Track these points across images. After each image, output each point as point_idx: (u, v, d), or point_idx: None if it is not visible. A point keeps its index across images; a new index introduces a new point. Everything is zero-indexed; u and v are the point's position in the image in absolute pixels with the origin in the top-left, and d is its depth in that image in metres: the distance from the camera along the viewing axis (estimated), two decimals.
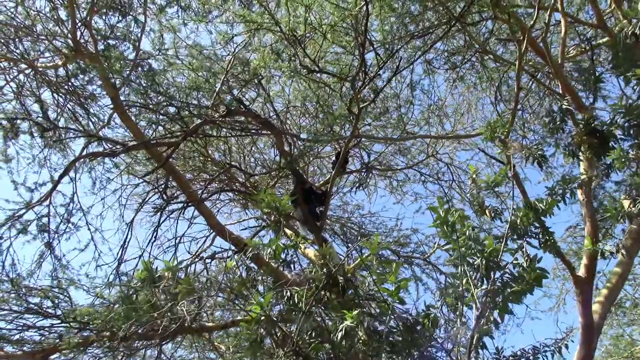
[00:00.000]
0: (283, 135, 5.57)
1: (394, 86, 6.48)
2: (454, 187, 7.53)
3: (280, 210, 3.68)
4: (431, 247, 7.20)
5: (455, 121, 7.23)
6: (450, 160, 7.56)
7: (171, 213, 6.14)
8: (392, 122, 6.71)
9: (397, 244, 7.46)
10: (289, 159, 5.20)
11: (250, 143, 7.02)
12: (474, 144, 7.35)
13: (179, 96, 5.61)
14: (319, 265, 3.51)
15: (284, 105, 6.59)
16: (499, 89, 6.35)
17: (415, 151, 7.47)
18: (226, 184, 7.04)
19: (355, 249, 5.88)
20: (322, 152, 7.52)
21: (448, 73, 6.71)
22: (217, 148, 7.03)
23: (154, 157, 5.65)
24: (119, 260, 5.62)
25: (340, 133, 6.56)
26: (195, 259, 5.45)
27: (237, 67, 5.51)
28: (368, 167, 6.89)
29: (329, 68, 5.55)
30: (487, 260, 2.87)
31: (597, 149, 3.21)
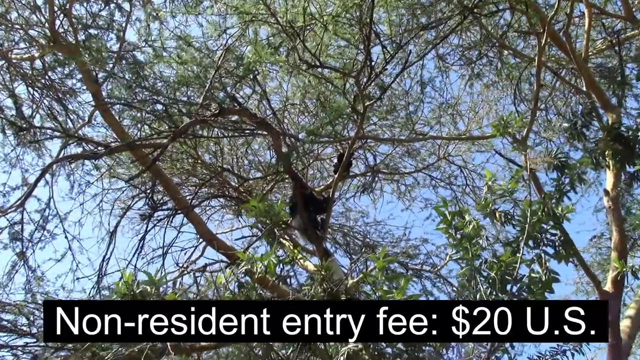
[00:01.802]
0: (280, 135, 5.60)
1: (403, 83, 6.53)
2: (468, 192, 7.57)
3: (274, 219, 3.70)
4: (443, 258, 7.23)
5: (470, 121, 7.26)
6: (464, 163, 7.59)
7: (158, 221, 6.17)
8: (400, 121, 6.75)
9: (405, 256, 7.48)
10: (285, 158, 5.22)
11: (244, 144, 7.05)
12: (490, 146, 7.38)
13: (167, 92, 5.65)
14: (319, 280, 3.53)
15: (281, 103, 6.63)
16: (518, 87, 6.39)
17: (426, 153, 7.50)
18: (218, 189, 7.06)
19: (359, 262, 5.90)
20: (323, 154, 7.56)
21: (462, 69, 6.76)
22: (207, 150, 7.05)
23: (139, 160, 5.68)
24: (100, 273, 5.64)
25: (344, 133, 6.60)
26: (184, 271, 5.47)
27: (231, 62, 5.54)
28: (374, 171, 6.93)
29: (331, 63, 5.59)
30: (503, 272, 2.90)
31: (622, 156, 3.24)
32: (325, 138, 6.15)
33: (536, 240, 3.14)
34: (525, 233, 3.07)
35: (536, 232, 3.16)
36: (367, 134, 6.75)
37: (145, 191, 6.29)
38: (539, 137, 6.76)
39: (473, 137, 7.15)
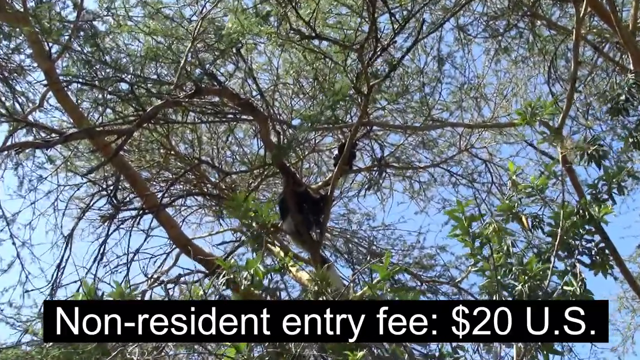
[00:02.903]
0: (269, 121, 5.59)
1: (416, 58, 6.52)
2: (494, 191, 7.59)
3: (261, 221, 3.71)
4: (463, 270, 7.23)
5: (496, 105, 7.26)
6: (489, 157, 7.60)
7: (122, 222, 6.17)
8: (414, 105, 6.74)
9: (419, 267, 7.50)
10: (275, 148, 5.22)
11: (226, 132, 7.05)
12: (521, 136, 7.39)
13: (133, 69, 5.64)
14: (314, 293, 3.54)
15: (270, 82, 6.62)
16: (553, 64, 6.39)
17: (444, 144, 7.50)
18: (194, 186, 7.06)
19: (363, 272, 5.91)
20: (321, 144, 7.57)
21: (487, 43, 6.75)
22: (182, 138, 7.05)
23: (100, 150, 5.68)
24: (54, 285, 5.65)
25: (345, 119, 6.59)
26: (154, 283, 5.47)
27: (209, 33, 5.53)
28: (381, 164, 6.93)
29: (330, 34, 5.58)
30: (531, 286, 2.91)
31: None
32: (324, 125, 6.15)
33: (570, 248, 3.14)
34: (558, 239, 3.07)
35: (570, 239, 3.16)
36: (374, 120, 6.74)
37: (107, 187, 6.29)
38: (576, 124, 6.76)
39: (500, 124, 7.16)
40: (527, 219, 3.32)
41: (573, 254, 3.14)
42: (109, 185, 6.36)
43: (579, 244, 3.15)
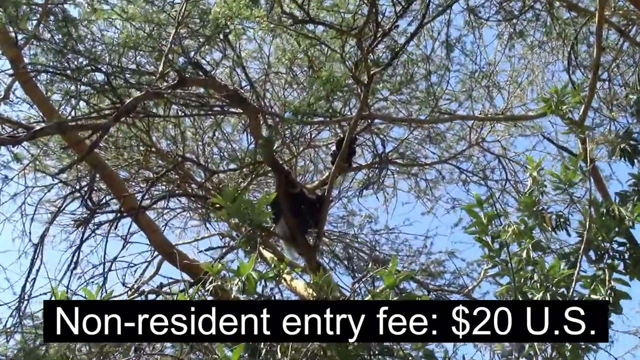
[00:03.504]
0: (260, 114, 5.58)
1: (422, 44, 6.51)
2: (509, 188, 7.59)
3: (254, 221, 3.69)
4: (475, 277, 7.23)
5: (510, 95, 7.26)
6: (503, 151, 7.60)
7: (98, 227, 6.14)
8: (419, 96, 6.74)
9: (426, 274, 7.49)
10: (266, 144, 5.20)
11: (213, 126, 7.04)
12: (538, 128, 7.39)
13: (110, 58, 5.61)
14: None
15: (261, 71, 6.60)
16: (574, 50, 6.38)
17: (452, 138, 7.51)
18: (177, 186, 7.04)
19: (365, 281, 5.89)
20: (317, 140, 7.55)
21: (501, 26, 6.73)
22: (164, 133, 7.03)
23: (72, 147, 5.65)
24: (22, 297, 5.61)
25: (344, 112, 6.57)
26: (133, 293, 5.45)
27: (194, 17, 5.52)
28: (383, 161, 6.92)
29: (326, 18, 5.56)
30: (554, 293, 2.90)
31: None
32: (320, 118, 6.14)
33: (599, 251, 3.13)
34: (584, 241, 3.06)
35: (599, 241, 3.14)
36: (375, 112, 6.73)
37: (80, 189, 6.25)
38: (599, 116, 6.76)
39: (514, 116, 7.16)
40: (550, 218, 3.30)
41: (602, 258, 3.12)
42: (82, 186, 6.32)
43: (609, 246, 3.14)
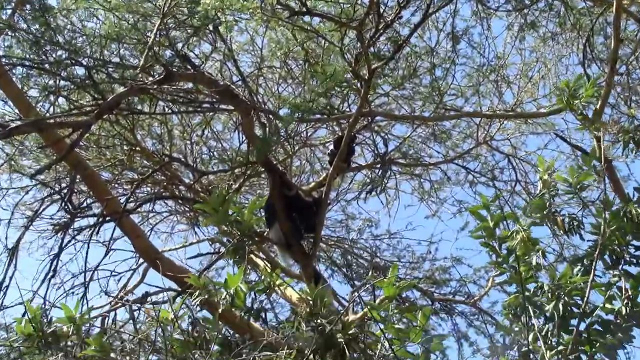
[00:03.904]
0: (253, 111, 5.57)
1: (426, 36, 6.50)
2: (519, 190, 7.59)
3: (244, 229, 3.69)
4: (482, 285, 7.23)
5: (521, 90, 7.26)
6: (513, 150, 7.61)
7: (78, 233, 6.12)
8: (423, 91, 6.74)
9: (430, 282, 7.49)
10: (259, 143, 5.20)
11: (202, 124, 7.03)
12: (550, 126, 7.40)
13: (91, 51, 5.60)
14: (306, 315, 3.52)
15: (254, 65, 6.60)
16: (589, 42, 6.38)
17: (459, 136, 7.51)
18: (164, 188, 7.03)
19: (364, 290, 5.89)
20: (314, 138, 7.55)
21: (511, 17, 6.73)
22: (150, 132, 7.02)
23: (51, 146, 5.64)
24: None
25: (342, 108, 6.57)
26: (116, 304, 5.43)
27: (182, 7, 5.51)
28: (385, 161, 6.91)
29: (324, 9, 5.56)
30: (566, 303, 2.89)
31: None
32: (317, 115, 6.14)
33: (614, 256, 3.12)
34: (599, 246, 3.05)
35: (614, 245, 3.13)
36: (376, 109, 6.73)
37: (60, 191, 6.22)
38: (617, 112, 6.76)
39: (525, 113, 7.16)
40: (562, 221, 3.30)
41: (619, 263, 3.12)
42: (62, 188, 6.29)
43: (626, 251, 3.13)
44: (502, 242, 3.18)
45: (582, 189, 3.29)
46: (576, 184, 3.26)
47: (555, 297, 2.96)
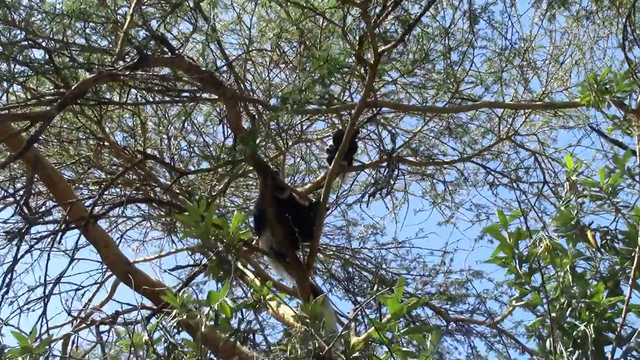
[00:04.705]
0: (239, 101, 5.59)
1: (440, 15, 6.52)
2: (547, 192, 7.60)
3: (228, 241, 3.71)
4: (505, 302, 7.25)
5: (550, 77, 7.27)
6: (540, 147, 7.62)
7: (37, 241, 6.14)
8: (436, 78, 6.75)
9: (444, 298, 7.50)
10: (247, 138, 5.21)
11: (181, 115, 7.04)
12: (584, 118, 7.41)
13: (52, 31, 5.61)
14: (302, 337, 3.54)
15: (241, 48, 6.61)
16: (630, 22, 6.39)
17: (477, 131, 7.52)
18: (137, 189, 7.04)
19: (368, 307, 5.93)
20: (311, 132, 7.57)
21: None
22: (120, 125, 7.03)
23: (5, 141, 5.65)
24: None
25: (343, 98, 6.59)
26: (81, 324, 5.44)
27: None
28: (392, 159, 6.94)
29: None
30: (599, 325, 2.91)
31: None
32: (314, 106, 6.15)
33: None
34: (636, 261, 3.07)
35: None
36: (382, 99, 6.75)
37: (15, 193, 6.25)
38: None
39: (555, 104, 7.16)
40: (594, 235, 3.30)
41: None
42: (17, 190, 6.32)
43: None
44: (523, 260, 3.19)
45: (615, 194, 3.30)
46: (607, 187, 3.27)
47: (587, 318, 2.98)
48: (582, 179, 3.43)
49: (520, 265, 3.15)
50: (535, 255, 3.15)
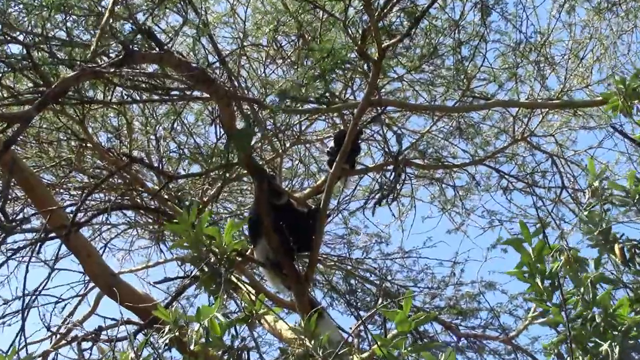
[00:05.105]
0: (233, 100, 5.59)
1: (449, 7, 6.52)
2: (566, 199, 7.59)
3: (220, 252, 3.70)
4: (520, 317, 7.25)
5: (569, 73, 7.27)
6: (558, 150, 7.61)
7: (15, 252, 6.13)
8: (445, 75, 6.75)
9: (455, 312, 7.50)
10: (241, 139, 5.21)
11: (170, 115, 7.03)
12: (606, 118, 7.39)
13: (30, 24, 5.61)
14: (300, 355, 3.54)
15: (235, 42, 6.61)
16: None
17: (490, 131, 7.51)
18: (122, 195, 7.04)
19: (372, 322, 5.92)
20: (310, 133, 7.57)
21: None
22: (105, 126, 7.03)
23: None
24: None
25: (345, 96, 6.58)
26: (61, 340, 5.44)
27: None
28: (398, 162, 6.94)
29: None
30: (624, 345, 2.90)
31: None
32: (313, 105, 6.15)
33: None
34: None
35: None
36: (387, 97, 6.75)
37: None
38: None
39: (574, 102, 7.16)
40: (621, 249, 3.28)
41: None
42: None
43: None
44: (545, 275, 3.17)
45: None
46: (635, 193, 3.25)
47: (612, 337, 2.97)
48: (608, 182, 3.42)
49: (542, 281, 3.13)
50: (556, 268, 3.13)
